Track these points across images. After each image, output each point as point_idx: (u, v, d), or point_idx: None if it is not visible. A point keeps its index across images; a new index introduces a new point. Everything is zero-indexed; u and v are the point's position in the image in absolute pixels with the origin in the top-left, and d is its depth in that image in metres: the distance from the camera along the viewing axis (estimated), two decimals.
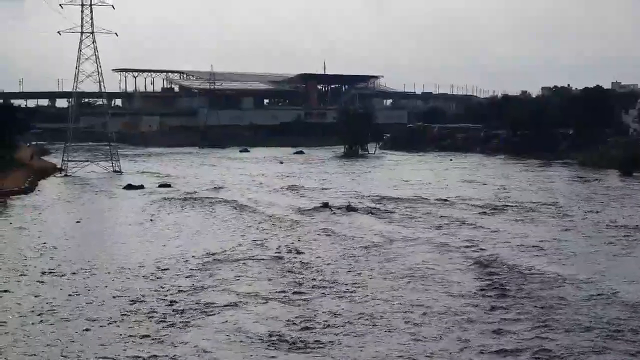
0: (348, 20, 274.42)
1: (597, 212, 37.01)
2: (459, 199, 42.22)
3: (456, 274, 23.12)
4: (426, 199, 42.74)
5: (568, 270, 23.29)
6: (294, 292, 20.85)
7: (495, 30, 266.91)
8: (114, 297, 20.50)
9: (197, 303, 19.74)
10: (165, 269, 23.87)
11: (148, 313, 18.84)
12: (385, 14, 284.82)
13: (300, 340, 16.73)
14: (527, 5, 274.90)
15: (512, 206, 39.26)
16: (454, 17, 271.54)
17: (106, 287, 21.68)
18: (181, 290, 21.09)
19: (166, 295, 20.55)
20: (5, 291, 21.09)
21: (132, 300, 20.01)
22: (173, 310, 19.04)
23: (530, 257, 25.65)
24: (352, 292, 20.96)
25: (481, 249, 26.96)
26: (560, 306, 19.23)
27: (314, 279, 22.49)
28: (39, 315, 18.76)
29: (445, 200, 42.06)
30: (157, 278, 22.72)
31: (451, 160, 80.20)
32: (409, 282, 22.11)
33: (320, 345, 16.43)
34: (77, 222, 33.75)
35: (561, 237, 29.65)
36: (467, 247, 27.49)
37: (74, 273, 23.53)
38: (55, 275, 23.21)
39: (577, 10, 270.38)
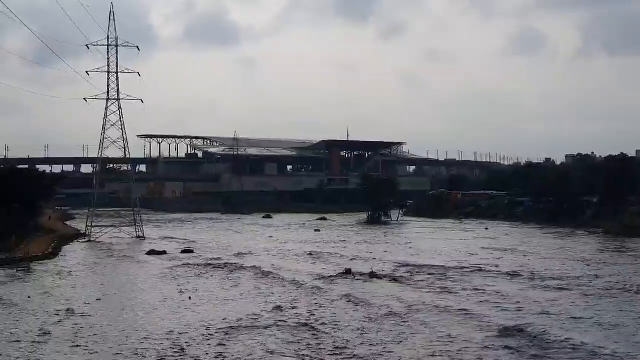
0: (371, 88, 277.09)
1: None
2: (488, 268, 41.51)
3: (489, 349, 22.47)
4: (451, 267, 42.09)
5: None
6: None
7: (519, 101, 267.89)
8: None
9: None
10: (184, 341, 23.46)
11: None
12: (409, 84, 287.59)
13: None
14: (554, 78, 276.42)
15: (542, 276, 38.49)
16: (478, 88, 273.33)
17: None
18: None
19: None
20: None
21: None
22: None
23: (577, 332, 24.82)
24: None
25: (513, 319, 26.30)
26: None
27: (333, 350, 21.95)
28: None
29: (473, 268, 41.38)
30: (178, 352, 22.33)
31: (487, 229, 78.07)
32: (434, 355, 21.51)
33: None
34: (98, 299, 32.67)
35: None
36: (500, 319, 26.81)
37: (95, 343, 23.24)
38: (77, 345, 22.88)
39: (602, 84, 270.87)
